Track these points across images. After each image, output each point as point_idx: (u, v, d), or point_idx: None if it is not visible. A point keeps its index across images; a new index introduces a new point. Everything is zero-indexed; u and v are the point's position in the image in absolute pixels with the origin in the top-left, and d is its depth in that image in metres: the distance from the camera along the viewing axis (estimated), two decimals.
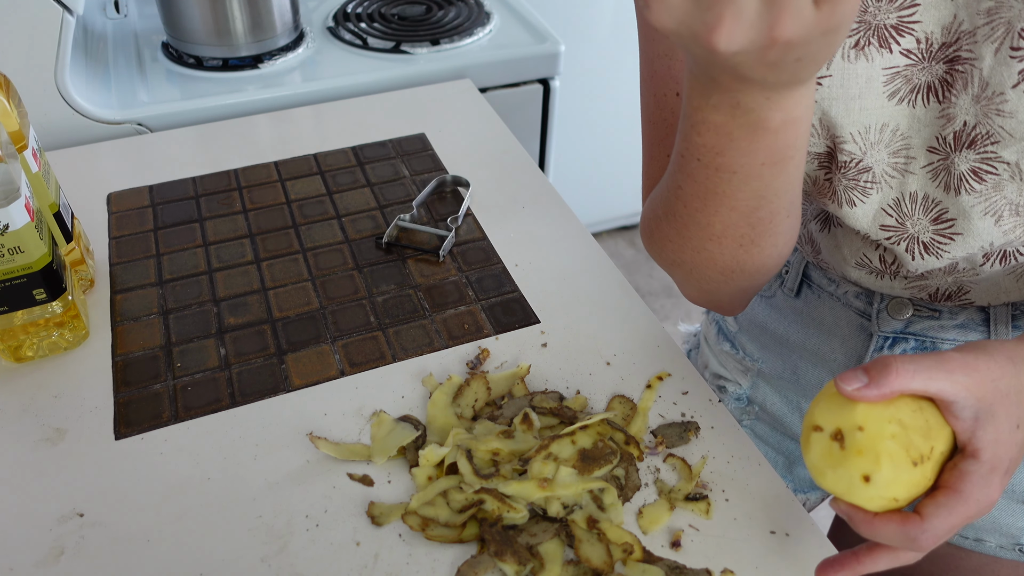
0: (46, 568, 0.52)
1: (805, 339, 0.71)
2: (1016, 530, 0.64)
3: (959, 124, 0.48)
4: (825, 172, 0.54)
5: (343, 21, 1.23)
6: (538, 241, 0.79)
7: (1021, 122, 0.45)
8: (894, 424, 0.42)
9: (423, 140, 0.93)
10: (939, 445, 0.43)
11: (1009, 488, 0.63)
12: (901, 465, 0.42)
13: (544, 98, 1.22)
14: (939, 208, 0.51)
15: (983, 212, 0.50)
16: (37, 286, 0.62)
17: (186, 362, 0.66)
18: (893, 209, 0.53)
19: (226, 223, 0.81)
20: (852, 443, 0.43)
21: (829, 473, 0.44)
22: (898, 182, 0.52)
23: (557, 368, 0.66)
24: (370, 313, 0.71)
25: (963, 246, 0.52)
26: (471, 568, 0.52)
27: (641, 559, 0.53)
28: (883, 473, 0.42)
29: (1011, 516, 0.64)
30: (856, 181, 0.52)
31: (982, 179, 0.49)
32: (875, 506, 0.43)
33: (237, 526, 0.55)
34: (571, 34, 1.74)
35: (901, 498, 0.43)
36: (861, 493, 0.43)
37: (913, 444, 0.42)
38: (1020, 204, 0.49)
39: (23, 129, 0.64)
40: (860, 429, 0.43)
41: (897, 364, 0.42)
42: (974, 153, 0.48)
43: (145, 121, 0.99)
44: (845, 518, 0.44)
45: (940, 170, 0.50)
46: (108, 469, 0.58)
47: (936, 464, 0.43)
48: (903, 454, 0.42)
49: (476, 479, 0.55)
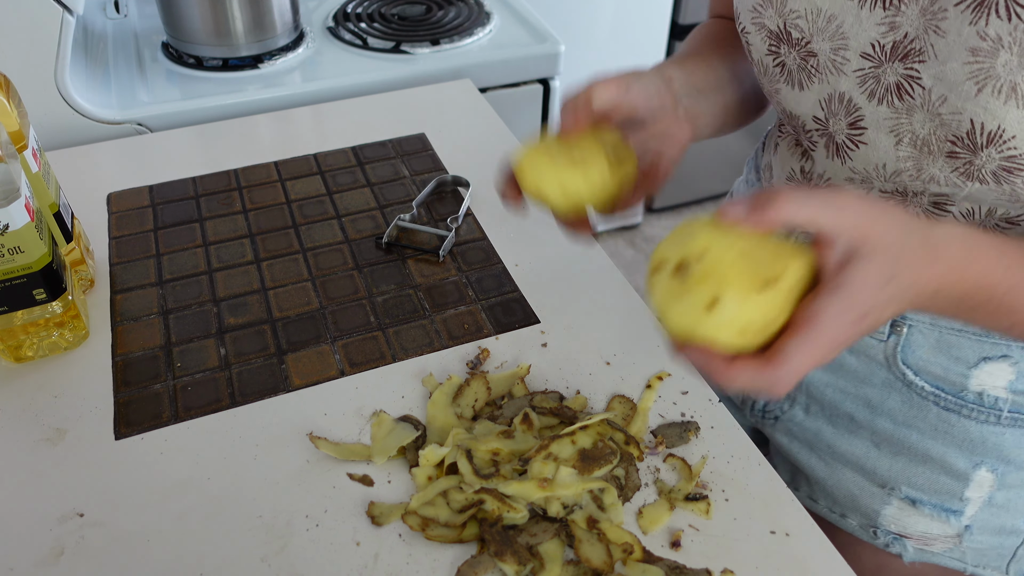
0: (46, 568, 0.52)
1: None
2: (872, 512, 0.66)
3: (901, 34, 0.48)
4: (774, 57, 0.56)
5: (343, 21, 1.23)
6: (538, 241, 0.79)
7: (948, 44, 0.46)
8: (739, 244, 0.40)
9: (423, 140, 0.93)
10: (790, 271, 0.40)
11: (871, 469, 0.65)
12: (747, 288, 0.39)
13: (544, 98, 1.22)
14: (857, 114, 0.53)
15: (889, 130, 0.51)
16: (37, 286, 0.62)
17: (186, 362, 0.66)
18: (825, 104, 0.55)
19: (226, 223, 0.81)
20: (695, 271, 0.40)
21: (673, 308, 0.40)
22: (833, 79, 0.53)
23: (557, 368, 0.66)
24: (370, 313, 0.71)
25: (863, 158, 0.54)
26: (471, 568, 0.52)
27: (641, 559, 0.53)
28: (728, 297, 0.39)
29: (870, 498, 0.66)
30: (805, 63, 0.54)
31: (902, 97, 0.49)
32: (725, 337, 0.40)
33: (237, 526, 0.55)
34: (571, 34, 1.74)
35: (751, 328, 0.40)
36: (707, 323, 0.40)
37: (761, 266, 0.39)
38: (920, 137, 0.50)
39: (23, 129, 0.64)
40: (703, 255, 0.40)
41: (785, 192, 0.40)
42: (902, 67, 0.49)
43: (145, 121, 0.99)
44: (699, 367, 0.42)
45: (869, 77, 0.51)
46: (108, 469, 0.58)
47: (787, 294, 0.40)
48: (749, 276, 0.39)
49: (476, 479, 0.55)
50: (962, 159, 0.48)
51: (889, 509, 0.66)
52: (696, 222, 0.42)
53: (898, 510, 0.65)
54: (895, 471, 0.65)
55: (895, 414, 0.63)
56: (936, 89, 0.47)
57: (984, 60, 0.44)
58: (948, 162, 0.49)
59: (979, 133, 0.46)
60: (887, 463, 0.65)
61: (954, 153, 0.48)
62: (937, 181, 0.51)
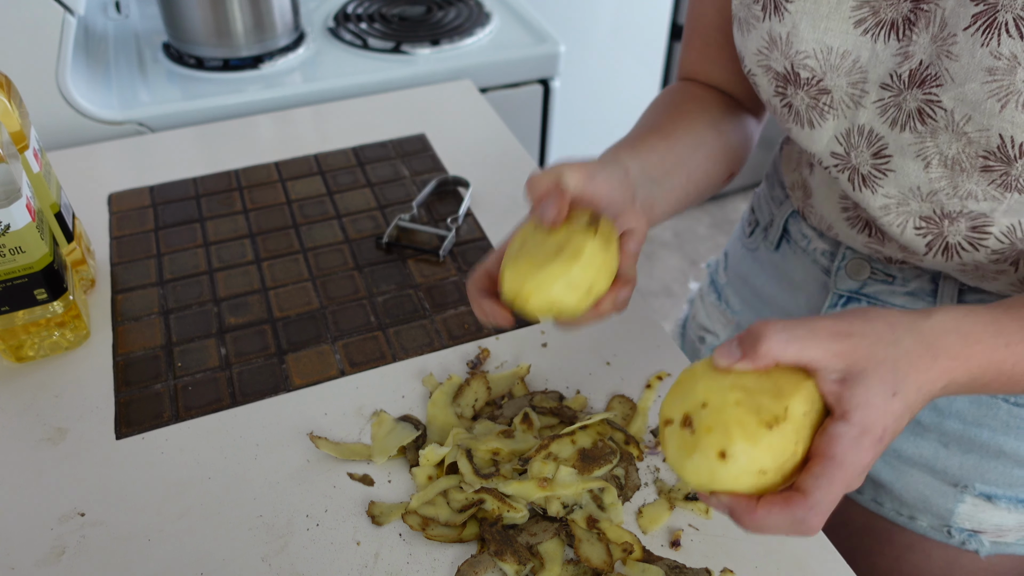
0: (47, 567, 0.52)
1: (776, 293, 0.73)
2: (945, 512, 0.65)
3: (915, 62, 0.49)
4: (781, 99, 0.56)
5: (343, 22, 1.23)
6: None
7: (963, 67, 0.46)
8: (737, 391, 0.40)
9: (423, 140, 0.94)
10: (795, 405, 0.40)
11: (941, 469, 0.65)
12: (754, 430, 0.39)
13: (544, 98, 1.22)
14: (881, 143, 0.53)
15: (915, 154, 0.51)
16: (38, 286, 0.62)
17: (187, 362, 0.66)
18: (843, 139, 0.55)
19: (227, 223, 0.81)
20: (699, 423, 0.40)
21: (688, 464, 0.40)
22: (851, 112, 0.53)
23: (557, 368, 0.66)
24: (370, 313, 0.71)
25: (895, 183, 0.53)
26: (471, 568, 0.52)
27: (641, 559, 0.53)
28: (737, 444, 0.39)
29: (942, 497, 0.65)
30: (816, 101, 0.54)
31: (924, 122, 0.50)
32: (745, 485, 0.40)
33: (237, 525, 0.55)
34: (571, 34, 1.74)
35: (768, 468, 0.39)
36: (724, 473, 0.39)
37: (763, 406, 0.39)
38: (949, 156, 0.50)
39: (24, 129, 0.64)
40: (704, 406, 0.40)
41: (769, 332, 0.40)
42: (921, 93, 0.49)
43: (146, 121, 1.00)
44: (727, 513, 0.41)
45: (890, 106, 0.51)
46: (109, 469, 0.58)
47: (798, 427, 0.40)
48: (753, 418, 0.39)
49: (476, 479, 0.55)
50: (998, 171, 0.48)
51: (963, 507, 0.65)
52: (694, 370, 0.43)
53: (972, 507, 0.64)
54: (967, 469, 0.64)
55: (964, 415, 0.63)
56: (959, 110, 0.47)
57: (1002, 78, 0.45)
58: (984, 176, 0.49)
59: (1010, 146, 0.46)
60: (957, 462, 0.64)
61: (988, 167, 0.49)
62: (975, 196, 0.51)
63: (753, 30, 0.55)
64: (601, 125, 1.96)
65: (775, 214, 0.72)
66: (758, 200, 0.77)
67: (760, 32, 0.54)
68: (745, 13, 0.56)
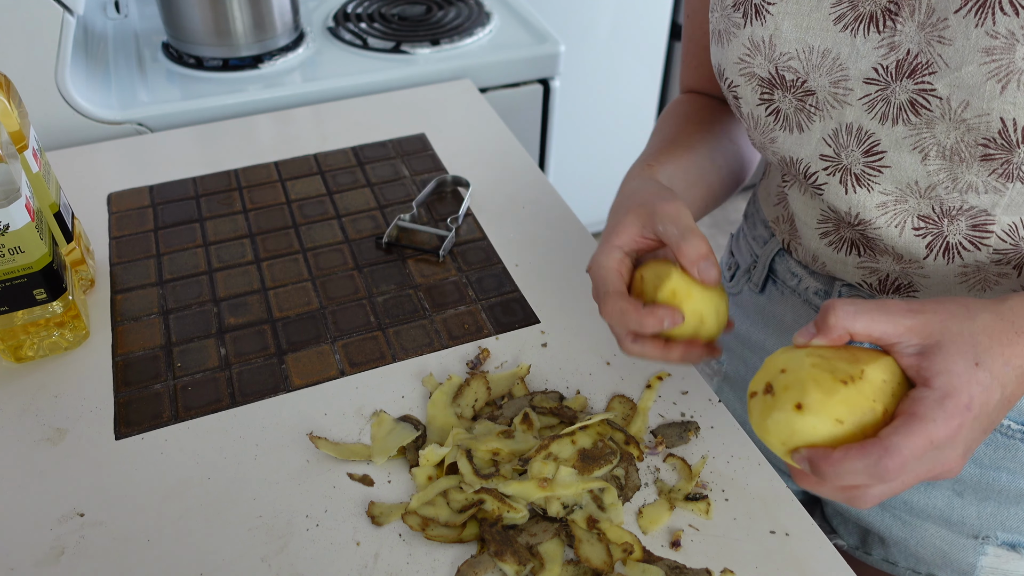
0: (47, 568, 0.52)
1: (764, 338, 0.71)
2: (968, 566, 0.63)
3: (903, 52, 0.48)
4: (767, 106, 0.56)
5: (343, 21, 1.23)
6: (538, 241, 0.79)
7: (958, 50, 0.45)
8: (814, 357, 0.43)
9: (423, 140, 0.94)
10: (871, 371, 0.42)
11: (957, 521, 0.62)
12: (829, 385, 0.41)
13: (544, 98, 1.22)
14: (871, 140, 0.52)
15: (911, 147, 0.50)
16: (37, 286, 0.62)
17: (186, 362, 0.66)
18: (832, 139, 0.54)
19: (226, 223, 0.81)
20: (778, 385, 0.43)
21: (769, 424, 0.43)
22: (837, 112, 0.53)
23: (557, 368, 0.66)
24: (370, 313, 0.71)
25: (892, 179, 0.53)
26: (471, 568, 0.52)
27: (641, 559, 0.53)
28: (812, 395, 0.41)
29: (962, 551, 0.63)
30: (803, 103, 0.54)
31: (918, 113, 0.49)
32: (822, 434, 0.41)
33: (237, 526, 0.55)
34: (571, 34, 1.74)
35: (844, 418, 0.41)
36: (801, 425, 0.42)
37: (838, 368, 0.42)
38: (947, 147, 0.49)
39: (23, 129, 0.64)
40: (783, 372, 0.43)
41: (837, 305, 0.42)
42: (912, 83, 0.48)
43: (145, 121, 0.99)
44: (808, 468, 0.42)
45: (877, 101, 0.50)
46: (108, 469, 0.58)
47: (876, 388, 0.42)
48: (828, 375, 0.42)
49: (476, 479, 0.55)
50: (998, 159, 0.47)
51: (986, 559, 0.62)
52: (775, 353, 0.46)
53: (995, 558, 0.62)
54: (985, 517, 0.61)
55: (980, 458, 0.60)
56: (955, 96, 0.46)
57: (1001, 57, 0.44)
58: (984, 165, 0.48)
59: (1012, 130, 0.45)
60: (974, 510, 0.61)
61: (988, 156, 0.47)
62: (976, 189, 0.49)
63: (734, 38, 0.55)
64: (601, 125, 1.96)
65: (759, 254, 0.71)
66: (736, 243, 0.76)
67: (741, 39, 0.54)
68: (725, 23, 0.55)
